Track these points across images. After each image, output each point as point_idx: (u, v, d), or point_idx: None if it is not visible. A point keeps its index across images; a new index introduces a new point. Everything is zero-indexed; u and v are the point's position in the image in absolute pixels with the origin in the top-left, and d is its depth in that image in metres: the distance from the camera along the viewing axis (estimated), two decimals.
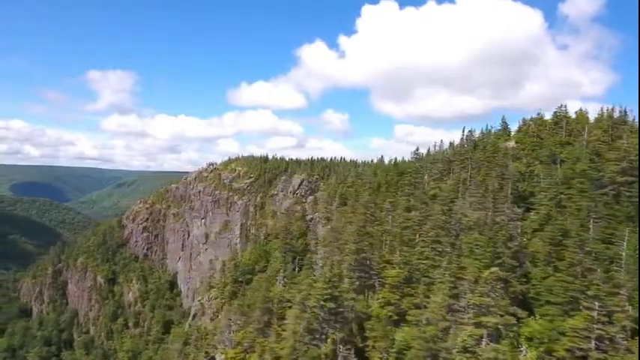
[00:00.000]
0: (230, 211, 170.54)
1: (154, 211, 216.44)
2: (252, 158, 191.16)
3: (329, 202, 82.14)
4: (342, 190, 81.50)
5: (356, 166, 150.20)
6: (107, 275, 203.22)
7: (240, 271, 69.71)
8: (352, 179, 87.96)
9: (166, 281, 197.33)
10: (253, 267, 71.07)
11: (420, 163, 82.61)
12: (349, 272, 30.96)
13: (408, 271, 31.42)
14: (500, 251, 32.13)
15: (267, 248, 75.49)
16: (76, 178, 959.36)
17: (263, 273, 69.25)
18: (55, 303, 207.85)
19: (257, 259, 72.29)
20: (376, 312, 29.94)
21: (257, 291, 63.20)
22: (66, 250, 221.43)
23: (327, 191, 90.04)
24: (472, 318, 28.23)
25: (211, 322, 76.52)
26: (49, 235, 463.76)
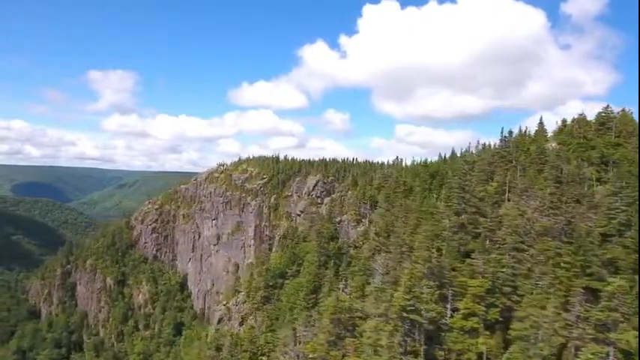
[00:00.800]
0: (243, 212, 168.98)
1: (163, 212, 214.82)
2: (263, 159, 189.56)
3: (358, 204, 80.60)
4: (371, 192, 79.99)
5: (372, 167, 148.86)
6: (117, 277, 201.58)
7: (272, 275, 68.14)
8: (379, 181, 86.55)
9: (177, 283, 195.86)
10: (285, 271, 69.49)
11: (452, 164, 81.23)
12: (425, 281, 29.50)
13: (491, 280, 30.00)
14: (590, 260, 30.69)
15: (296, 251, 73.92)
16: (77, 179, 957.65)
17: (296, 277, 67.70)
18: (64, 304, 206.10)
19: (287, 263, 70.72)
20: (459, 324, 28.55)
21: (292, 296, 61.79)
22: (74, 252, 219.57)
23: (354, 193, 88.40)
24: (592, 333, 26.74)
25: (240, 326, 75.00)
26: (52, 236, 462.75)
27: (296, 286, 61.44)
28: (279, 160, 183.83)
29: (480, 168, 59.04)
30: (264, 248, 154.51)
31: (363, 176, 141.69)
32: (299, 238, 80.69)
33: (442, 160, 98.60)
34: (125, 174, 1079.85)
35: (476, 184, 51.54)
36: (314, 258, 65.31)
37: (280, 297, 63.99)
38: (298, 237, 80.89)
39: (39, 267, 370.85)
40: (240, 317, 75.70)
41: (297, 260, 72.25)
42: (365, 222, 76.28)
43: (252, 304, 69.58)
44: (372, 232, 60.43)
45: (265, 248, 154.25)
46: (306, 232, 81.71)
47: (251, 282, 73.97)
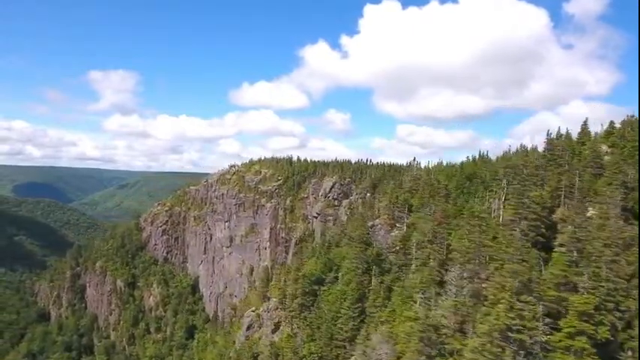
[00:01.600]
0: (257, 214, 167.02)
1: (174, 213, 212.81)
2: (276, 160, 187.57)
3: (391, 208, 78.71)
4: (404, 196, 78.14)
5: (391, 168, 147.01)
6: (127, 279, 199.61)
7: (308, 281, 66.24)
8: (410, 184, 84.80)
9: (188, 285, 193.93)
10: (321, 278, 67.58)
11: (486, 166, 79.41)
12: (524, 297, 27.67)
13: (598, 296, 28.26)
14: None
15: (330, 257, 71.97)
16: (78, 179, 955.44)
17: (333, 285, 65.73)
18: (73, 307, 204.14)
19: (323, 270, 68.79)
20: (564, 343, 26.75)
21: (334, 304, 59.90)
22: (83, 254, 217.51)
23: (386, 196, 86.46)
24: None
25: (272, 334, 73.09)
26: (54, 237, 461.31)
27: (338, 294, 59.43)
28: (293, 161, 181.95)
29: (528, 172, 57.22)
30: (281, 250, 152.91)
31: (382, 178, 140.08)
32: (331, 243, 78.61)
33: (472, 162, 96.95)
34: (126, 174, 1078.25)
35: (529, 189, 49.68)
36: (353, 264, 63.33)
37: (320, 305, 61.96)
38: (330, 242, 78.82)
39: (42, 268, 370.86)
40: (273, 324, 73.73)
41: (332, 266, 70.22)
42: (400, 227, 74.45)
43: (288, 312, 67.53)
44: (415, 239, 58.47)
45: (282, 251, 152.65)
46: (338, 237, 79.70)
47: (284, 288, 71.97)
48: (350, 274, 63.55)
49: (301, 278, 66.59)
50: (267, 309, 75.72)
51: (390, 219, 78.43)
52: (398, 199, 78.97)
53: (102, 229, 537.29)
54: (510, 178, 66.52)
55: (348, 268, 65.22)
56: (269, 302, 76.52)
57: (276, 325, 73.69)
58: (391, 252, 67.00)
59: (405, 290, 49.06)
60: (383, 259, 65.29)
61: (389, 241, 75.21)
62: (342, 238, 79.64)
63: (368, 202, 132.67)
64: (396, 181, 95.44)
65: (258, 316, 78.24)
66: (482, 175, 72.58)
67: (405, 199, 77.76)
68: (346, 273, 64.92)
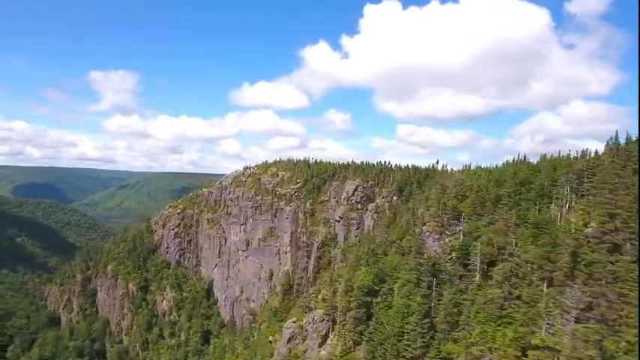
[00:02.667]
0: (276, 217, 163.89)
1: (186, 216, 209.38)
2: (293, 162, 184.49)
3: (439, 214, 75.84)
4: (453, 203, 75.23)
5: (417, 171, 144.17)
6: (139, 283, 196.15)
7: (362, 293, 63.27)
8: (455, 189, 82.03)
9: (202, 289, 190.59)
10: (375, 289, 64.61)
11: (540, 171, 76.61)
12: None
13: None
14: None
15: (380, 266, 69.03)
16: (78, 179, 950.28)
17: (388, 297, 62.74)
18: (84, 311, 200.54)
19: (373, 280, 65.80)
20: None
21: (395, 319, 56.92)
22: (94, 257, 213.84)
23: (427, 202, 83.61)
24: None
25: (319, 347, 70.10)
26: (56, 238, 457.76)
27: (400, 307, 56.45)
28: (310, 163, 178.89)
29: (602, 179, 54.47)
30: (302, 255, 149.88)
31: (408, 182, 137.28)
32: (377, 252, 75.56)
33: (514, 165, 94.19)
34: (126, 175, 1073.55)
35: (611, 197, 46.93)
36: (414, 275, 60.41)
37: (379, 319, 58.93)
38: (375, 250, 75.79)
39: (43, 269, 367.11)
40: (320, 337, 70.71)
41: (383, 276, 67.25)
42: (451, 234, 71.59)
43: (341, 325, 64.51)
44: (480, 249, 55.56)
45: (303, 255, 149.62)
46: (386, 245, 76.74)
47: (332, 299, 68.96)
48: (409, 286, 60.59)
49: (355, 290, 63.57)
50: (313, 321, 72.67)
51: (440, 226, 75.63)
52: (446, 205, 76.12)
53: (102, 229, 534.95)
54: (574, 185, 63.96)
55: (405, 279, 62.20)
56: (313, 313, 73.51)
57: (323, 339, 70.66)
58: (448, 262, 64.07)
59: (486, 307, 46.12)
60: (441, 270, 62.33)
61: (439, 250, 72.44)
62: (388, 245, 76.67)
63: (395, 206, 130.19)
64: (436, 185, 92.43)
65: (300, 327, 75.17)
66: (538, 182, 69.62)
67: (455, 206, 74.82)
68: (404, 285, 61.94)
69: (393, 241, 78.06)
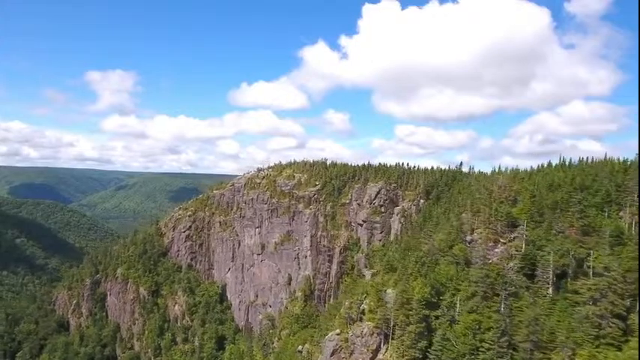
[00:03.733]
0: (293, 220, 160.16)
1: (197, 218, 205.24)
2: (310, 164, 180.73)
3: (491, 221, 72.49)
4: (505, 209, 71.86)
5: (443, 173, 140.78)
6: (150, 287, 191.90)
7: (421, 306, 59.76)
8: (505, 193, 78.70)
9: (216, 293, 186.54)
10: (434, 302, 61.11)
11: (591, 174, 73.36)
12: None
13: None
14: None
15: (435, 277, 65.50)
16: (76, 180, 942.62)
17: (450, 310, 59.27)
18: (94, 316, 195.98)
19: (430, 293, 62.26)
20: None
21: (465, 335, 53.42)
22: (103, 260, 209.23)
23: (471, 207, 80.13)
24: None
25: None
26: (55, 239, 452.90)
27: (472, 324, 52.97)
28: (327, 165, 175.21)
29: None
30: (323, 259, 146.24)
31: (435, 184, 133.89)
32: (424, 261, 71.96)
33: (560, 168, 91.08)
34: (124, 175, 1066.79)
35: None
36: (481, 288, 56.97)
37: (445, 334, 55.34)
38: (423, 259, 72.16)
39: (43, 270, 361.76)
40: (370, 352, 67.13)
41: (439, 288, 63.73)
42: (509, 242, 68.31)
43: (399, 341, 60.89)
44: (552, 260, 52.27)
45: (324, 260, 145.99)
46: (433, 253, 73.14)
47: (384, 311, 65.36)
48: (475, 299, 57.14)
49: (415, 303, 60.01)
50: (361, 334, 69.07)
51: (493, 233, 72.29)
52: (498, 212, 72.78)
53: (102, 230, 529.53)
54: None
55: (471, 292, 58.70)
56: (361, 326, 69.90)
57: (374, 353, 67.11)
58: (512, 273, 60.65)
59: (581, 325, 42.74)
60: (506, 282, 58.92)
61: (494, 259, 69.05)
62: (437, 253, 73.09)
63: (424, 209, 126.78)
64: (480, 189, 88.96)
65: (346, 340, 71.58)
66: (600, 186, 66.31)
67: (508, 212, 71.47)
68: (468, 298, 58.47)
69: (442, 249, 74.48)
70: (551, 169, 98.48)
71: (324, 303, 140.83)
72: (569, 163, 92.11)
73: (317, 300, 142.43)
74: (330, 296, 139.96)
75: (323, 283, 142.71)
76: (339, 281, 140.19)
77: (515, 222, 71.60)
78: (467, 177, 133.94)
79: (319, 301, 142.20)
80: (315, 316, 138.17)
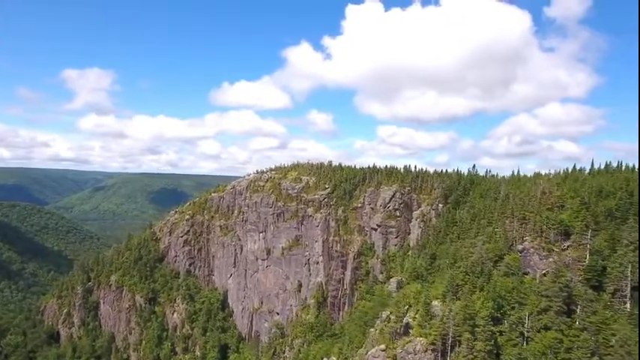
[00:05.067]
0: (302, 225, 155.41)
1: (196, 222, 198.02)
2: (316, 166, 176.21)
3: (543, 229, 69.83)
4: (558, 217, 69.36)
5: (459, 177, 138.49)
6: (147, 294, 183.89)
7: (488, 322, 56.38)
8: (551, 200, 76.24)
9: (217, 300, 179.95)
10: (498, 317, 57.86)
11: None
12: None
13: None
14: None
15: (495, 289, 62.28)
16: (52, 181, 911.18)
17: (519, 326, 56.12)
18: (87, 326, 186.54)
19: (492, 307, 59.04)
20: None
21: (544, 356, 50.28)
22: (95, 267, 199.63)
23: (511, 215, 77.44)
24: None
25: None
26: (31, 243, 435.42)
27: (552, 342, 49.88)
28: (334, 166, 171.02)
29: None
30: (336, 265, 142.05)
31: (453, 188, 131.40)
32: (475, 271, 68.71)
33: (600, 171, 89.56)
34: (102, 175, 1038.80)
35: None
36: (548, 303, 53.99)
37: (522, 355, 51.99)
38: (473, 270, 68.88)
39: (19, 276, 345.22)
40: None
41: (500, 302, 60.54)
42: (563, 251, 65.75)
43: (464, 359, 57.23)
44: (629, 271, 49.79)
45: (337, 266, 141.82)
46: (482, 263, 69.93)
47: (440, 327, 61.75)
48: (548, 315, 54.08)
49: (480, 319, 56.56)
50: (414, 350, 65.25)
51: (546, 242, 69.62)
52: (549, 219, 70.19)
53: (82, 233, 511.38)
54: None
55: (542, 306, 55.60)
56: (414, 342, 66.08)
57: None
58: (580, 285, 57.93)
59: None
60: (574, 295, 56.16)
61: (547, 269, 66.36)
62: (484, 263, 69.88)
63: (443, 214, 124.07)
64: (518, 195, 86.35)
65: (394, 357, 67.68)
66: None
67: (561, 220, 68.96)
68: (539, 313, 55.35)
69: (492, 259, 71.39)
70: (581, 173, 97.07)
71: (339, 310, 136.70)
72: (599, 167, 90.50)
73: (330, 307, 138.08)
74: (345, 303, 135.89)
75: (336, 289, 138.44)
76: (353, 288, 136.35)
77: (568, 230, 69.44)
78: (484, 181, 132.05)
79: (333, 309, 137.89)
80: (330, 325, 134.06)
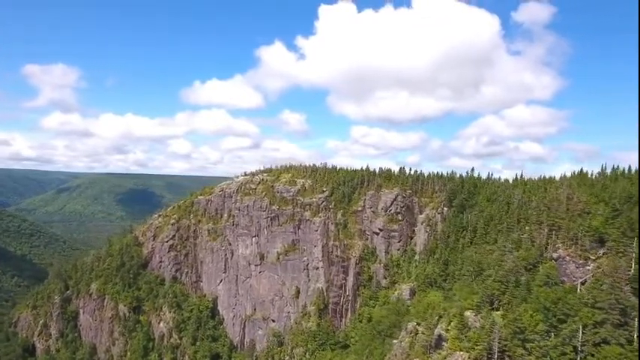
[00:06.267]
0: (299, 229, 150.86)
1: (182, 226, 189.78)
2: (311, 168, 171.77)
3: (577, 237, 68.42)
4: (592, 224, 68.06)
5: (462, 181, 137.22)
6: (131, 303, 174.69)
7: (540, 336, 54.04)
8: (579, 205, 75.11)
9: (206, 308, 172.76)
10: (547, 331, 55.60)
11: None
12: None
13: None
14: None
15: (539, 300, 60.03)
16: (13, 181, 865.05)
17: (572, 340, 53.99)
18: (65, 338, 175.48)
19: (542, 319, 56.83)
20: None
21: None
22: (74, 275, 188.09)
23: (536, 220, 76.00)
24: None
25: None
26: None
27: (618, 358, 47.89)
28: (329, 169, 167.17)
29: None
30: (337, 271, 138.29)
31: (458, 191, 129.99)
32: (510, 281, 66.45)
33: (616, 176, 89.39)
34: (67, 176, 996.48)
35: None
36: (606, 315, 52.13)
37: None
38: (507, 279, 66.62)
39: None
40: None
41: (547, 313, 58.40)
42: (598, 259, 64.49)
43: None
44: None
45: (338, 271, 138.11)
46: (516, 272, 67.77)
47: (485, 340, 59.04)
48: (606, 328, 52.17)
49: (531, 332, 54.15)
50: None
51: (582, 250, 68.24)
52: (582, 226, 68.90)
53: (46, 236, 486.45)
54: None
55: (602, 319, 53.53)
56: (454, 356, 63.20)
57: None
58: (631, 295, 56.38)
59: None
60: (626, 306, 54.59)
61: (584, 278, 64.98)
62: (518, 272, 67.82)
63: (449, 219, 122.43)
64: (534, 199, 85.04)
65: None
66: None
67: (596, 227, 67.72)
68: (595, 326, 53.35)
69: (526, 267, 69.46)
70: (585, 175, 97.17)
71: (341, 317, 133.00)
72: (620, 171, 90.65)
73: (332, 314, 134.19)
74: (348, 310, 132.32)
75: (338, 296, 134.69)
76: (356, 294, 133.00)
77: (602, 237, 68.40)
78: (486, 184, 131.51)
79: (335, 316, 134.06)
80: (332, 332, 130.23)
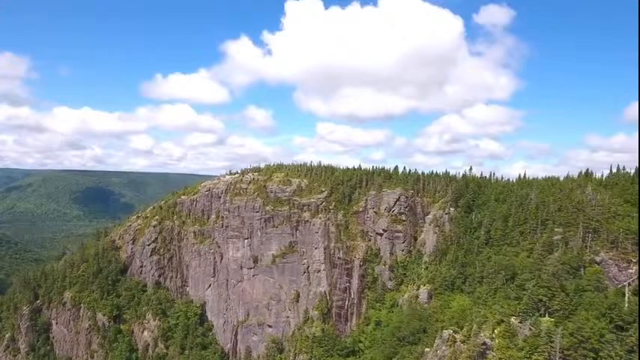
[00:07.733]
0: (297, 230, 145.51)
1: (164, 229, 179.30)
2: (307, 167, 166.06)
3: (618, 240, 67.82)
4: (633, 226, 67.71)
5: (465, 180, 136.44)
6: (111, 312, 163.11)
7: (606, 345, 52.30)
8: (612, 208, 74.69)
9: (195, 314, 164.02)
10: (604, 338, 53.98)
11: None
12: None
13: None
14: None
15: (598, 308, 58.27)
16: None
17: (635, 350, 52.68)
18: (37, 352, 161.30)
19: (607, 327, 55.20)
20: None
21: None
22: (43, 283, 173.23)
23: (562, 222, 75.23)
24: None
25: None
26: None
27: None
28: (325, 167, 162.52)
29: None
30: (339, 273, 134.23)
31: (463, 192, 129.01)
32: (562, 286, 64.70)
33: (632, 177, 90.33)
34: (17, 173, 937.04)
35: None
36: None
37: None
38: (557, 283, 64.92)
39: None
40: None
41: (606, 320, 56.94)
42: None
43: None
44: None
45: (340, 274, 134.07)
46: (560, 275, 66.27)
47: (546, 350, 56.91)
48: None
49: (597, 342, 52.31)
50: None
51: (624, 253, 67.73)
52: (622, 229, 68.46)
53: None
54: None
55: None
56: None
57: None
58: None
59: None
60: None
61: (628, 281, 64.44)
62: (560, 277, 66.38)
63: (456, 219, 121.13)
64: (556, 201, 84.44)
65: None
66: None
67: (628, 229, 67.36)
68: None
69: (568, 271, 68.14)
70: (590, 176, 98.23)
71: (346, 322, 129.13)
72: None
73: (336, 318, 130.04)
74: (353, 314, 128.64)
75: (342, 299, 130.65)
76: (361, 297, 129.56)
77: None
78: (490, 184, 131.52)
79: (339, 320, 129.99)
80: (338, 338, 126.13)
